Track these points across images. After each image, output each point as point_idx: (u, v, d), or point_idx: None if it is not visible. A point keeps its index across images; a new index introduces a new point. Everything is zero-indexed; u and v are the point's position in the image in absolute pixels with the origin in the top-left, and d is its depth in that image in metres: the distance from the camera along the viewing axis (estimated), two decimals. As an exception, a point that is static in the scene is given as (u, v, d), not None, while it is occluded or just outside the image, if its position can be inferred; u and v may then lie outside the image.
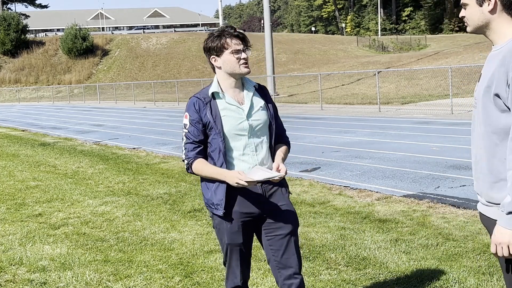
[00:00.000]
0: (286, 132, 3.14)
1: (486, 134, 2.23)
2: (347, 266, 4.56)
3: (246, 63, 2.87)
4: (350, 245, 5.10)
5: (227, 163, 2.88)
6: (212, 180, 2.90)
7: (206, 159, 2.94)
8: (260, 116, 2.93)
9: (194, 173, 2.95)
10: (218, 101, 2.90)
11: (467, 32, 2.42)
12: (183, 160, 2.98)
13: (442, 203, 6.47)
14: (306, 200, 6.95)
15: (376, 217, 6.00)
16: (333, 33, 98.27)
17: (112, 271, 4.70)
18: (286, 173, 2.85)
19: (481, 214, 2.38)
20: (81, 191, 8.23)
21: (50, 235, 5.91)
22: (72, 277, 4.60)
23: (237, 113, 2.88)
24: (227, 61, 2.86)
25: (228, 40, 2.84)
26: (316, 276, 4.38)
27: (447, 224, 5.61)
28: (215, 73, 2.95)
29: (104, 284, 4.43)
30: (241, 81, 2.97)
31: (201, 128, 2.90)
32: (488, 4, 2.20)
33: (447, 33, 75.66)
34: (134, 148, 13.25)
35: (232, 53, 2.84)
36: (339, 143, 12.21)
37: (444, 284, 4.11)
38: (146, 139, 15.29)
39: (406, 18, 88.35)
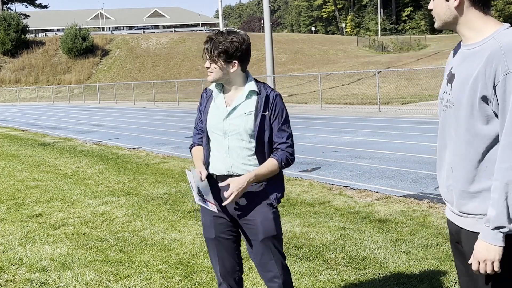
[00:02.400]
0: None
1: (466, 141, 2.07)
2: (347, 266, 4.56)
3: (209, 72, 2.92)
4: (350, 245, 5.10)
5: (208, 156, 3.03)
6: None
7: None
8: (240, 122, 2.89)
9: None
10: (214, 97, 3.02)
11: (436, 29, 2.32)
12: None
13: (442, 203, 6.46)
14: (306, 200, 6.95)
15: (376, 217, 6.00)
16: (333, 33, 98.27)
17: (112, 271, 4.70)
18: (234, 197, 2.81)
19: (450, 222, 2.27)
20: (81, 191, 8.23)
21: (50, 235, 5.91)
22: (72, 277, 4.60)
23: (220, 113, 2.95)
24: None
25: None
26: (316, 276, 4.38)
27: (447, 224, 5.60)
28: None
29: (104, 284, 4.43)
30: (244, 83, 2.96)
31: (202, 117, 3.06)
32: (454, 0, 2.08)
33: (447, 33, 75.64)
34: (134, 148, 13.24)
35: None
36: (339, 143, 12.21)
37: (444, 284, 4.11)
38: (146, 139, 15.29)
39: (406, 18, 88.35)
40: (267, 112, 2.91)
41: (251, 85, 2.94)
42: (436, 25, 2.21)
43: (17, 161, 11.86)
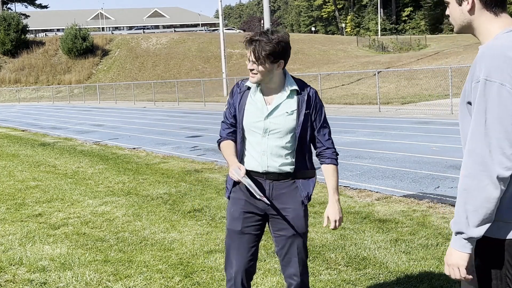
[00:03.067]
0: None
1: (463, 147, 2.08)
2: (347, 266, 4.57)
3: (252, 74, 2.90)
4: (350, 245, 5.10)
5: (241, 153, 3.01)
6: None
7: (235, 141, 3.06)
8: (282, 121, 2.91)
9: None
10: (250, 93, 2.99)
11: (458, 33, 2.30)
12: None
13: (442, 203, 6.47)
14: (306, 200, 6.94)
15: (376, 217, 6.00)
16: (333, 33, 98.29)
17: (112, 271, 4.70)
18: (336, 225, 3.02)
19: None
20: (81, 191, 8.23)
21: (50, 235, 5.91)
22: (72, 277, 4.60)
23: (259, 111, 2.93)
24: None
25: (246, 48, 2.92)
26: (316, 276, 4.38)
27: (447, 224, 5.61)
28: None
29: (104, 284, 4.43)
30: (283, 81, 2.95)
31: (233, 112, 3.02)
32: (467, 3, 2.05)
33: (447, 33, 75.67)
34: (134, 148, 13.25)
35: (248, 61, 2.92)
36: (339, 143, 12.21)
37: (444, 284, 4.11)
38: (146, 139, 15.29)
39: (406, 18, 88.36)
40: (308, 111, 2.95)
41: (292, 84, 2.96)
42: (454, 30, 2.19)
43: (17, 161, 11.86)
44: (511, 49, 1.92)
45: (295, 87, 2.94)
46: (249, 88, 3.00)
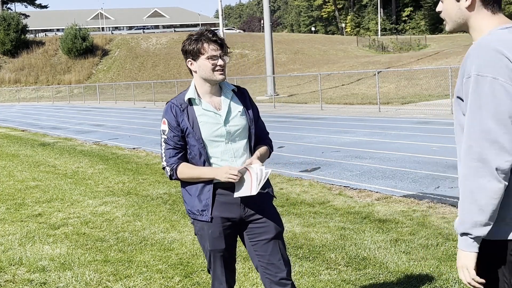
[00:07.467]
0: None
1: (457, 143, 2.06)
2: (347, 266, 4.56)
3: (221, 70, 2.79)
4: (350, 245, 5.10)
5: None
6: (194, 186, 2.84)
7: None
8: (239, 122, 2.87)
9: (178, 179, 2.87)
10: (195, 107, 2.84)
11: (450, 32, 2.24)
12: (164, 168, 2.89)
13: (442, 203, 6.47)
14: (306, 200, 6.95)
15: (376, 217, 6.00)
16: (333, 33, 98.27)
17: (112, 271, 4.69)
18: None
19: None
20: (81, 191, 8.23)
21: (50, 235, 5.91)
22: (72, 277, 4.60)
23: (214, 119, 2.83)
24: (202, 66, 2.79)
25: (206, 45, 2.77)
26: (316, 276, 4.38)
27: (447, 224, 5.61)
28: (193, 76, 2.90)
29: (104, 284, 4.43)
30: (219, 86, 2.91)
31: (180, 134, 2.83)
32: (465, 0, 1.99)
33: (447, 33, 75.65)
34: (134, 148, 13.25)
35: (208, 58, 2.77)
36: (339, 143, 12.21)
37: (444, 284, 4.11)
38: (146, 139, 15.29)
39: (406, 18, 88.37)
40: (250, 107, 2.96)
41: (227, 84, 2.93)
42: (447, 28, 2.13)
43: (17, 161, 11.86)
44: (503, 44, 1.89)
45: (232, 87, 2.93)
46: (190, 102, 2.85)
